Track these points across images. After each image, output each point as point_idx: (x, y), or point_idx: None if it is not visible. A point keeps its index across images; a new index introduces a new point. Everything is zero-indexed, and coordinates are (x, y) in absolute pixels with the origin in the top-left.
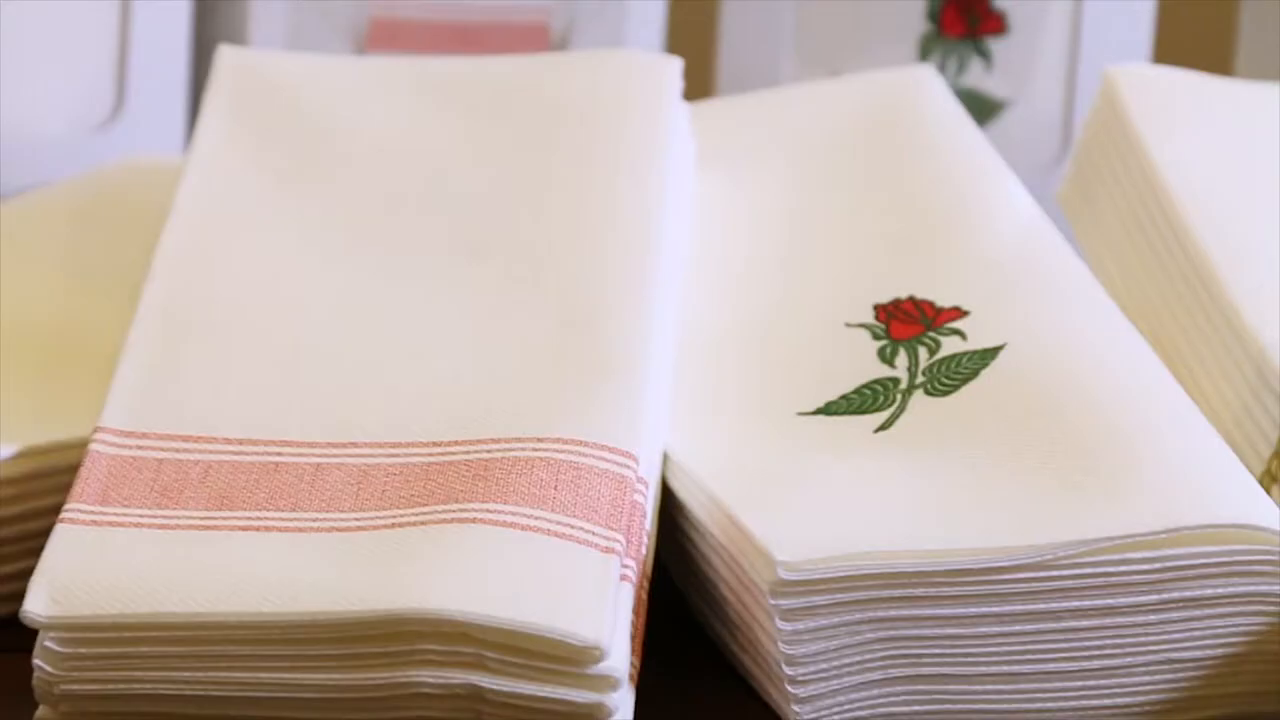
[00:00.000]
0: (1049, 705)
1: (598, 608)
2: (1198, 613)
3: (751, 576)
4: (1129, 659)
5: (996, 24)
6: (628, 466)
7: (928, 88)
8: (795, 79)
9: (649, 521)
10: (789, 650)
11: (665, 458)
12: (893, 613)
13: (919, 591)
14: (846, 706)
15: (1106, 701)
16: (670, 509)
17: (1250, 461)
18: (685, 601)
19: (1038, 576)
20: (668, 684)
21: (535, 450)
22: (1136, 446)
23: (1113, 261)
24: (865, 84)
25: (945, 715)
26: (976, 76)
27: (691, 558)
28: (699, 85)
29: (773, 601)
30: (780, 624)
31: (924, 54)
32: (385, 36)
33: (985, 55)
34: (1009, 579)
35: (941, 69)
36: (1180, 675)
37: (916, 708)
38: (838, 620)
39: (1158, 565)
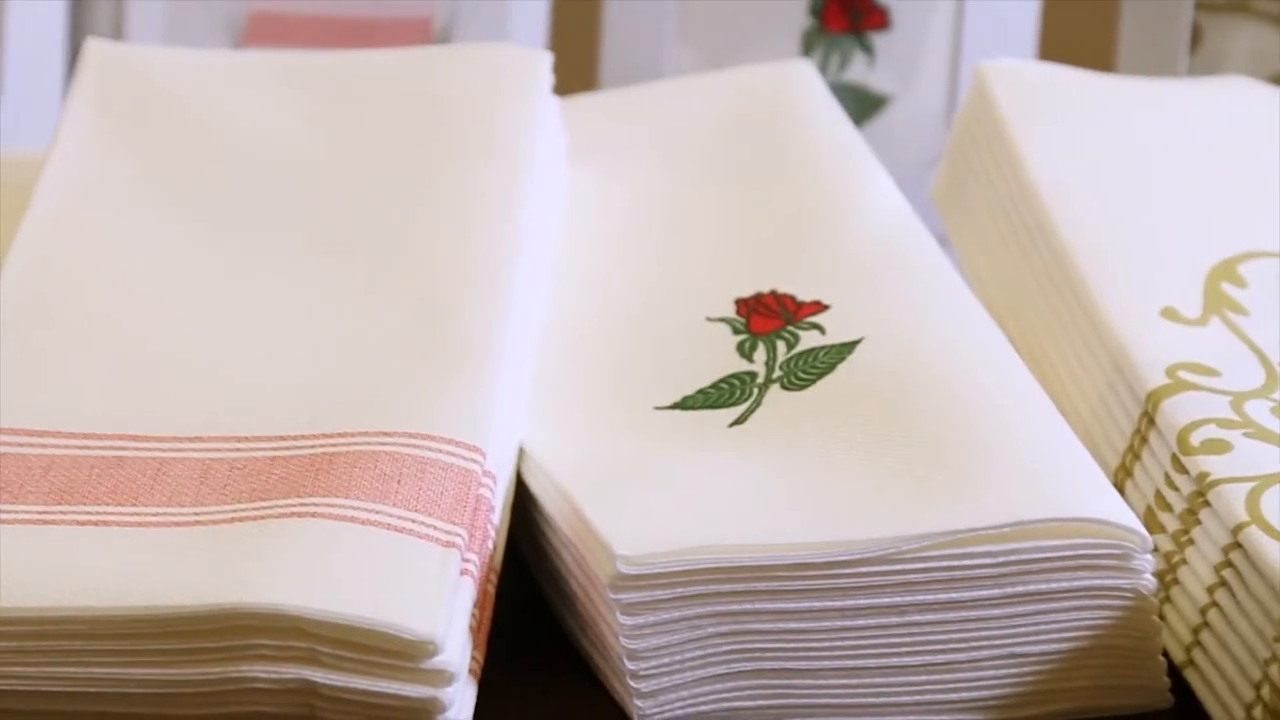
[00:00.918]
0: (893, 699)
1: (433, 602)
2: (1042, 607)
3: (594, 571)
4: (973, 653)
5: (879, 19)
6: (474, 460)
7: (803, 82)
8: (678, 74)
9: (497, 516)
10: (630, 645)
11: (521, 452)
12: (735, 607)
13: (761, 586)
14: (690, 700)
15: (951, 696)
16: (525, 504)
17: (1106, 455)
18: (542, 596)
19: (880, 570)
20: (522, 679)
21: (380, 444)
22: (985, 441)
23: (983, 257)
24: (741, 78)
25: (789, 709)
26: (859, 72)
27: (545, 552)
28: (582, 80)
29: (613, 596)
30: (621, 618)
31: (807, 49)
32: (263, 31)
33: (868, 50)
34: (851, 573)
35: (824, 64)
36: (1025, 670)
37: (760, 701)
38: (679, 614)
39: (1001, 559)
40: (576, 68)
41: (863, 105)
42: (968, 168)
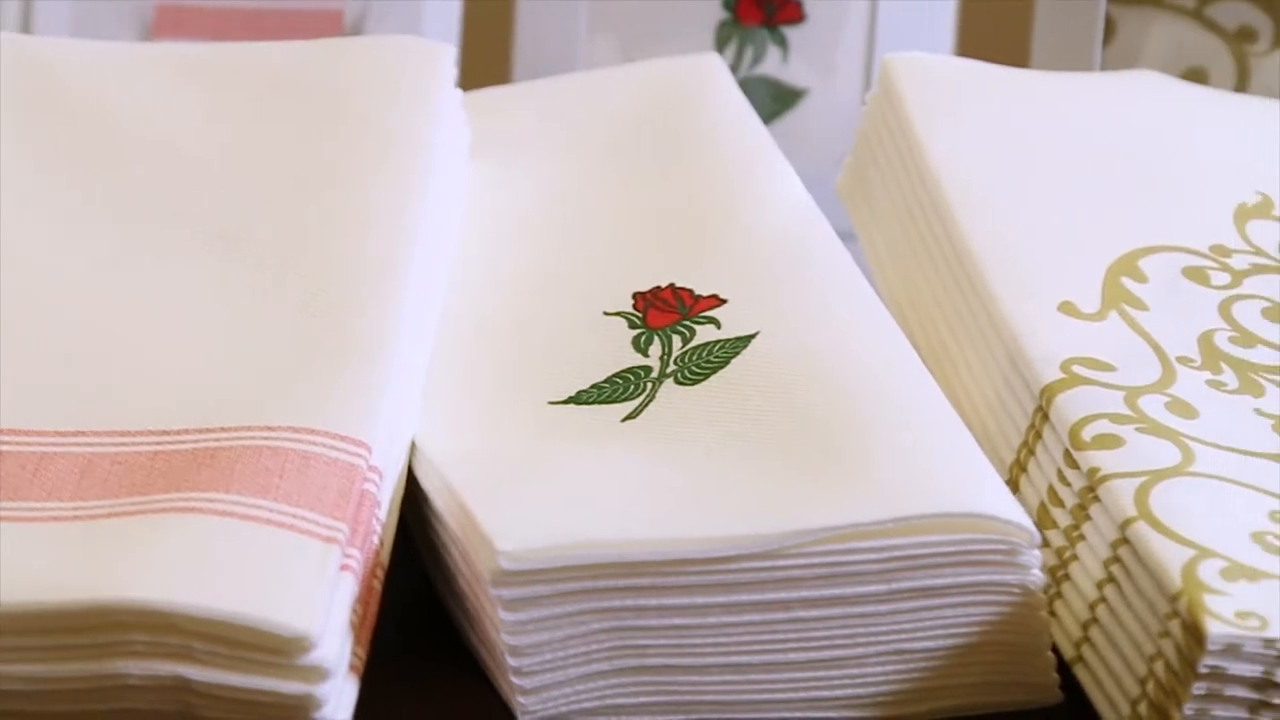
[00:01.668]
0: (779, 696)
1: (309, 598)
2: (928, 603)
3: (478, 566)
4: (859, 649)
5: (794, 13)
6: (359, 456)
7: (711, 76)
8: (592, 68)
9: (383, 511)
10: (512, 641)
11: (413, 447)
12: (618, 603)
13: (644, 581)
14: (573, 697)
15: (838, 692)
16: (418, 499)
17: (1002, 450)
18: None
19: (764, 566)
20: (415, 676)
21: (265, 439)
22: (874, 436)
23: (886, 251)
24: (648, 72)
25: (673, 706)
26: (774, 65)
27: (436, 548)
28: (496, 74)
29: (494, 591)
30: (503, 614)
31: (721, 43)
32: (171, 24)
33: (782, 44)
34: (735, 568)
35: (738, 58)
36: (912, 666)
37: (644, 698)
38: (562, 610)
39: (886, 555)
40: (489, 61)
41: (778, 99)
42: (873, 161)
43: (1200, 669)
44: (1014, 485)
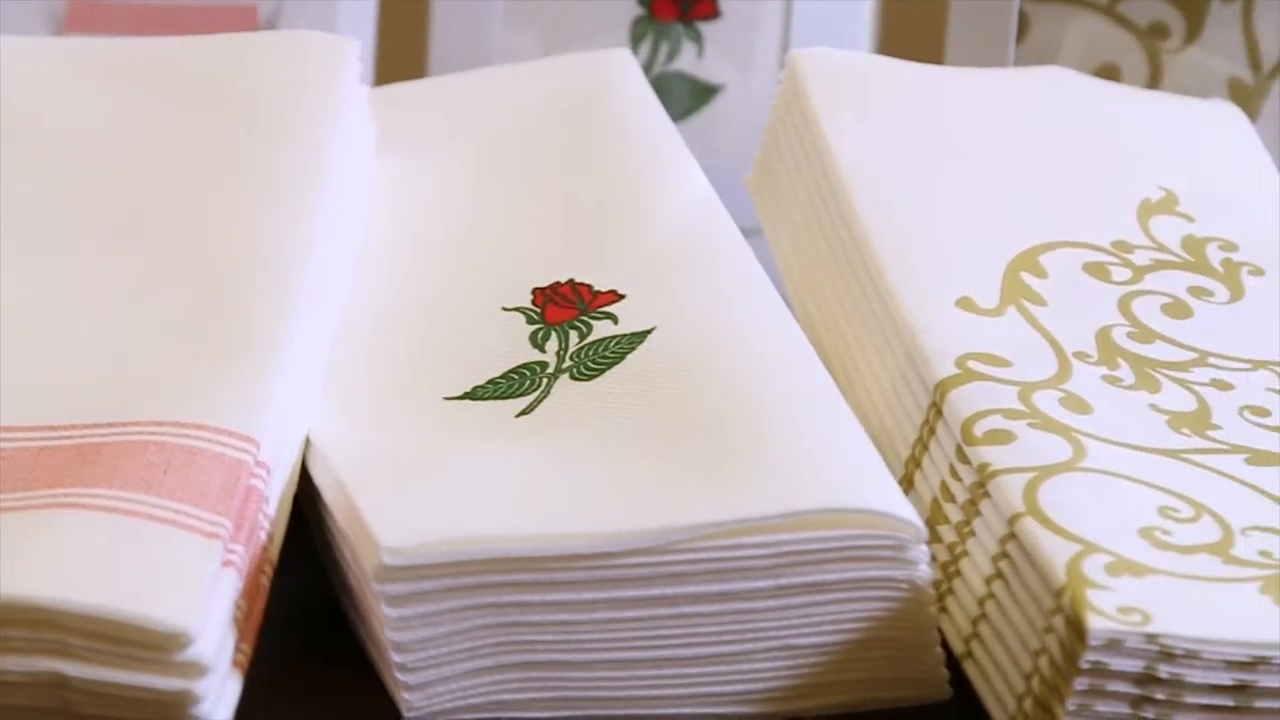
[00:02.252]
0: (667, 692)
1: (189, 593)
2: (817, 598)
3: (363, 562)
4: (748, 645)
5: (708, 8)
6: (246, 451)
7: (619, 72)
8: (507, 64)
9: (272, 507)
10: (396, 637)
11: (308, 443)
12: (502, 598)
13: (528, 577)
14: (458, 693)
15: (727, 688)
16: (314, 496)
17: (898, 446)
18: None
19: (650, 561)
20: (311, 673)
21: (151, 434)
22: (765, 432)
23: (791, 246)
24: (557, 67)
25: (561, 701)
26: (689, 61)
27: (329, 545)
28: (411, 70)
29: (378, 587)
30: (386, 610)
31: (636, 39)
32: (85, 19)
33: (697, 40)
34: (620, 564)
35: (653, 53)
36: (801, 661)
37: (531, 694)
38: (446, 606)
39: (774, 550)
40: (405, 57)
41: (693, 95)
42: (779, 156)
43: (1082, 664)
44: (909, 481)
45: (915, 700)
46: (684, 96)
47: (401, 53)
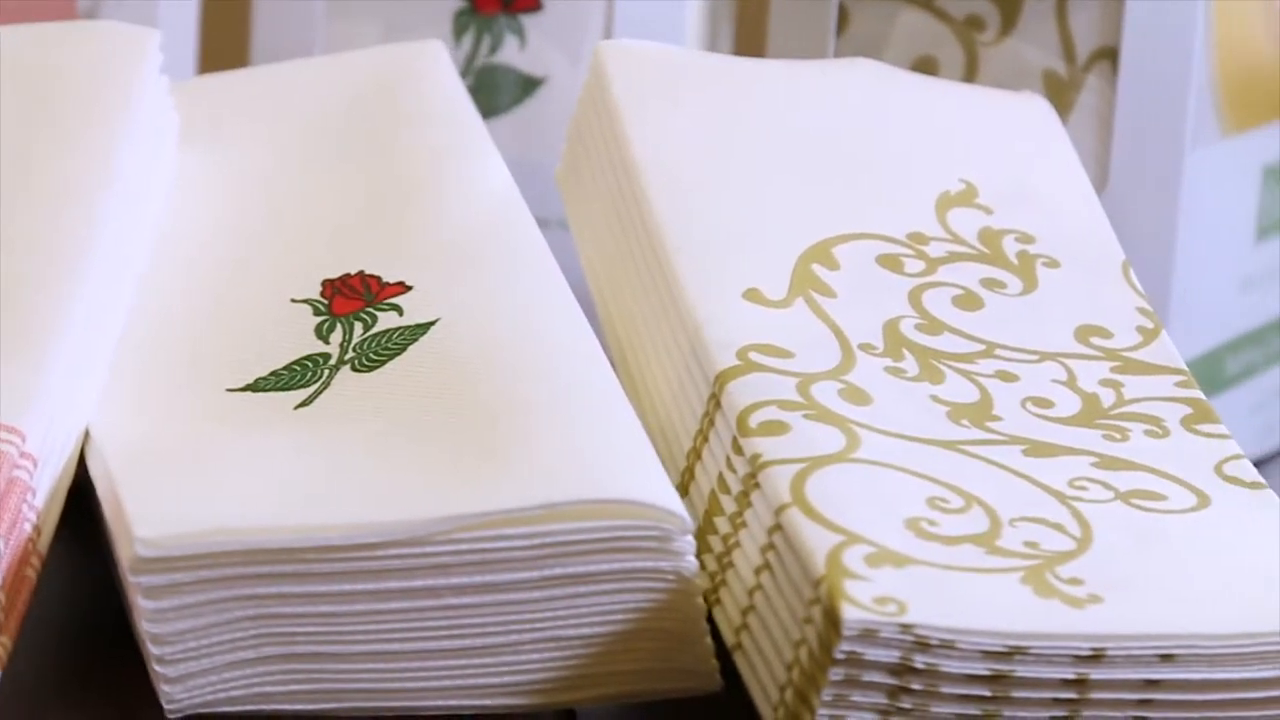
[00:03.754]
0: (433, 684)
1: None
2: (582, 590)
3: (120, 553)
4: (513, 636)
5: (531, 1)
6: (9, 442)
7: (427, 63)
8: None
9: (40, 499)
10: (153, 629)
11: (86, 435)
12: (261, 590)
13: (287, 569)
14: (219, 685)
15: (493, 680)
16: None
17: (682, 438)
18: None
19: (412, 553)
20: (87, 670)
21: None
22: (536, 424)
23: (593, 239)
24: (367, 59)
25: (325, 693)
26: (512, 54)
27: (106, 537)
28: (234, 63)
29: (133, 578)
30: (143, 602)
31: (459, 31)
32: None
33: (520, 32)
34: (381, 555)
35: (476, 46)
36: (568, 653)
37: (293, 686)
38: (204, 598)
39: (536, 542)
40: (228, 50)
41: (516, 87)
42: (584, 149)
43: (837, 654)
44: (690, 473)
45: (687, 692)
46: (508, 89)
47: (224, 45)
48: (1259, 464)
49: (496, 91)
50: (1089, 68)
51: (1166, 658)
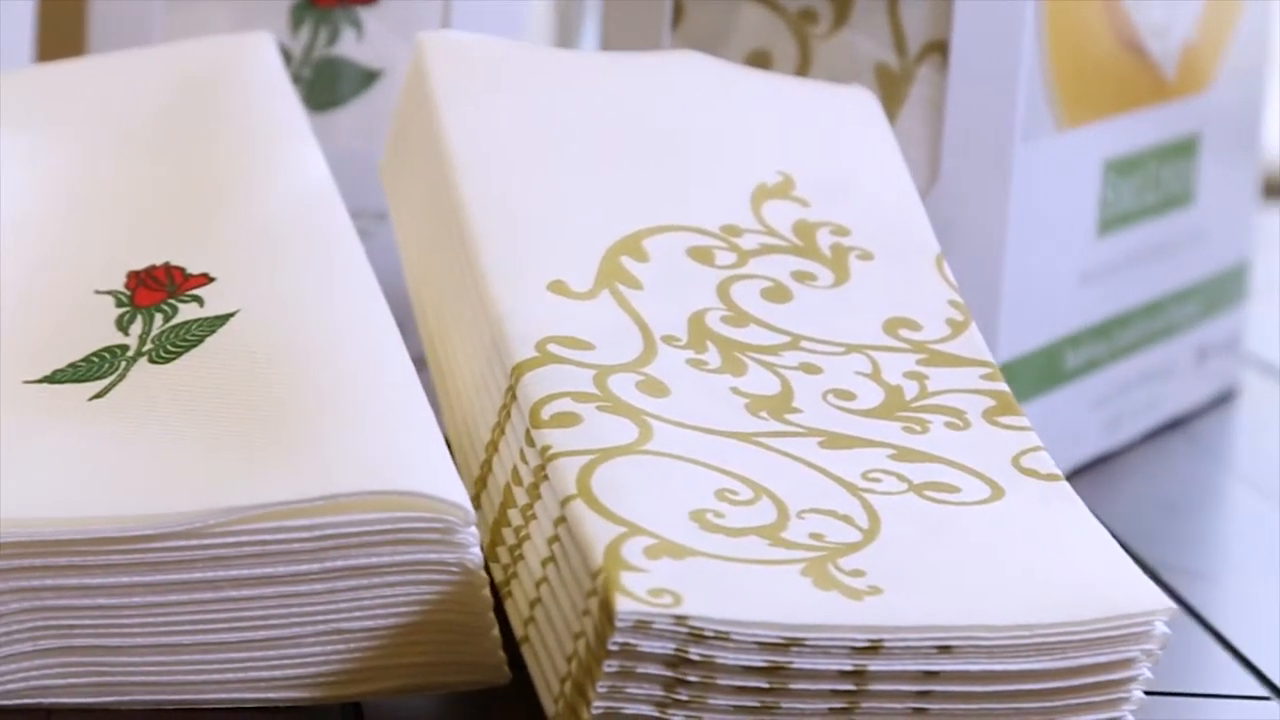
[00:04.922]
0: (214, 677)
1: None
2: (364, 581)
3: None
4: (295, 629)
5: None
6: None
7: (252, 55)
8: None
9: None
10: None
11: None
12: (35, 582)
13: (61, 561)
14: None
15: (276, 673)
16: None
17: (482, 431)
18: None
19: (189, 545)
20: None
21: None
22: (321, 416)
23: (411, 231)
24: (191, 50)
25: (104, 687)
26: (349, 46)
27: None
28: (70, 53)
29: None
30: None
31: (296, 24)
32: None
33: (356, 25)
34: (156, 547)
35: (313, 38)
36: (352, 645)
37: (73, 679)
38: None
39: (317, 534)
40: (63, 40)
41: (356, 79)
42: (406, 141)
43: (611, 646)
44: (488, 466)
45: (474, 685)
46: (348, 81)
47: (60, 37)
48: (1103, 460)
49: (336, 83)
50: (920, 60)
51: (945, 649)
